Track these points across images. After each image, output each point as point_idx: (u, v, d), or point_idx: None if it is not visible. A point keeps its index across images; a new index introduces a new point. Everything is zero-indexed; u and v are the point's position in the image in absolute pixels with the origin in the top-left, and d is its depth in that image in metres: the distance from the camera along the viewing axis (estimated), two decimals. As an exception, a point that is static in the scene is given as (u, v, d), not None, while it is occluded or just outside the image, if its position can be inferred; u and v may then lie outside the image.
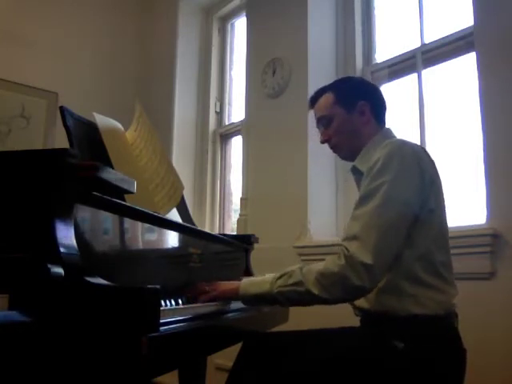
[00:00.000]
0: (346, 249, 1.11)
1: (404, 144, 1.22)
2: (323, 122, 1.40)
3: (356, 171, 1.36)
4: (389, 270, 1.15)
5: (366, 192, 1.17)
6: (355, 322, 1.33)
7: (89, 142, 1.33)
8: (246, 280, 1.28)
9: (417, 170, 1.17)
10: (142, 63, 3.80)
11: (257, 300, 1.25)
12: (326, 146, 1.44)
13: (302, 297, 1.15)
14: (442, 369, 1.13)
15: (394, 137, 1.36)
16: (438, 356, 1.12)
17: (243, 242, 1.87)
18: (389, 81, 2.49)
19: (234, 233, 2.90)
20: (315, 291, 1.12)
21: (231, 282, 1.34)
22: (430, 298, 1.15)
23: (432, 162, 1.25)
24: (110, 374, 0.78)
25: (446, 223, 1.24)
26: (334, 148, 1.41)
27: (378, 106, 1.39)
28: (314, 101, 1.43)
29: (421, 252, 1.16)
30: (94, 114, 1.39)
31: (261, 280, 1.24)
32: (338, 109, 1.36)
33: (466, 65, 2.11)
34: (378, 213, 1.12)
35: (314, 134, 2.31)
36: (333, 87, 1.41)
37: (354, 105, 1.35)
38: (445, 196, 1.26)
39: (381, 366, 1.12)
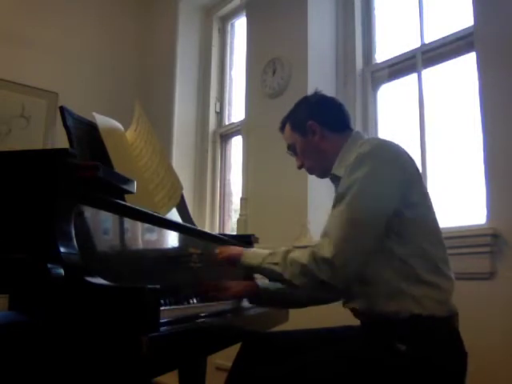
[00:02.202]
0: (316, 245, 1.18)
1: (380, 140, 1.27)
2: (291, 149, 1.47)
3: (335, 178, 1.36)
4: (381, 270, 1.16)
5: (340, 192, 1.20)
6: (355, 321, 1.33)
7: (89, 142, 1.33)
8: (250, 249, 1.37)
9: (394, 163, 1.18)
10: (142, 63, 3.80)
11: (251, 270, 1.36)
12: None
13: (278, 278, 1.24)
14: (442, 372, 1.12)
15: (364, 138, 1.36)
16: (440, 359, 1.12)
17: (243, 242, 1.86)
18: (389, 81, 2.49)
19: (234, 233, 2.90)
20: (286, 276, 1.20)
21: (237, 247, 1.41)
22: (428, 297, 1.14)
23: (412, 160, 1.25)
24: (110, 374, 0.78)
25: (435, 220, 1.24)
26: (308, 171, 1.47)
27: (327, 119, 1.39)
28: (281, 132, 1.50)
29: (414, 249, 1.17)
30: (94, 113, 1.39)
31: (261, 252, 1.31)
32: (295, 135, 1.42)
33: (466, 65, 2.11)
34: (347, 210, 1.16)
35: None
36: (288, 117, 1.47)
37: (304, 128, 1.39)
38: (429, 195, 1.27)
39: (382, 367, 1.11)
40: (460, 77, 2.16)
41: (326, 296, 1.40)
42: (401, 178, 1.18)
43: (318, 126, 1.37)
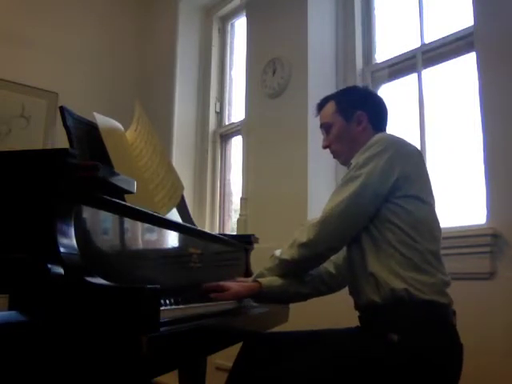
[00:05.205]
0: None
1: (387, 134, 1.33)
2: (325, 128, 1.47)
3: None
4: (376, 250, 1.22)
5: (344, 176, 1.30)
6: (354, 322, 1.33)
7: (89, 141, 1.33)
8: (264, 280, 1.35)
9: (390, 152, 1.23)
10: (141, 63, 3.80)
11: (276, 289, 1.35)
12: (325, 145, 1.46)
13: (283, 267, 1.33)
14: (437, 363, 1.13)
15: None
16: (434, 346, 1.13)
17: (243, 242, 1.86)
18: (389, 81, 2.49)
19: (234, 233, 2.90)
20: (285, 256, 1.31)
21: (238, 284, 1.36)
22: (421, 282, 1.17)
23: (420, 155, 1.31)
24: (110, 374, 0.78)
25: (432, 215, 1.28)
26: (333, 154, 1.48)
27: (376, 116, 1.43)
28: (319, 108, 1.50)
29: (401, 235, 1.20)
30: (94, 113, 1.39)
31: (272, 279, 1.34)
32: (337, 117, 1.43)
33: (466, 65, 2.11)
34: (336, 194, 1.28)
35: (314, 133, 2.32)
36: (336, 96, 1.48)
37: (352, 114, 1.41)
38: (434, 193, 1.31)
39: (379, 363, 1.12)
40: (460, 77, 2.16)
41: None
42: (389, 165, 1.22)
43: (366, 119, 1.40)
